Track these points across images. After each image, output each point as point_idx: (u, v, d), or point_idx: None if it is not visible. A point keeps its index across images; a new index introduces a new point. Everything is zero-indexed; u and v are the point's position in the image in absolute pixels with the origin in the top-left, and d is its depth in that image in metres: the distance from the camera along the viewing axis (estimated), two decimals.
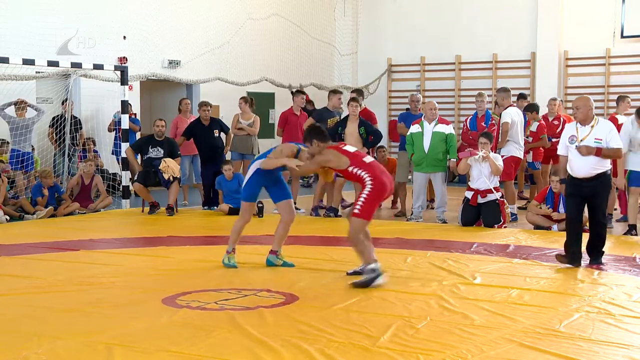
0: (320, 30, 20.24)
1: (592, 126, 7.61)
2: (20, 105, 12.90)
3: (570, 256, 7.72)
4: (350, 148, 6.95)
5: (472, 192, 10.53)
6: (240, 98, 13.51)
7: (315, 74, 19.43)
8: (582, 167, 7.58)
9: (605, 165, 7.66)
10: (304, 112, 12.98)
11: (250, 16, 17.79)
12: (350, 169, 6.73)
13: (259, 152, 13.59)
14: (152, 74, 15.68)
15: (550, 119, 13.24)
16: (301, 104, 12.87)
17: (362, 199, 6.61)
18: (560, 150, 7.91)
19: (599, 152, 7.52)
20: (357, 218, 6.60)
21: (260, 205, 11.57)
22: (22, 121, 12.82)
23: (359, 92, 12.80)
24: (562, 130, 11.53)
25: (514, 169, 11.67)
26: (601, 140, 7.55)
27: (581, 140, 7.61)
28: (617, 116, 12.47)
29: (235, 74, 17.18)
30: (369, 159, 6.89)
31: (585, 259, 7.81)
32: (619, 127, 12.19)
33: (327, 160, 6.87)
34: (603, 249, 7.85)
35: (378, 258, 6.73)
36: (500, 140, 11.42)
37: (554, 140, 12.40)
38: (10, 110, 12.82)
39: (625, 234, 9.79)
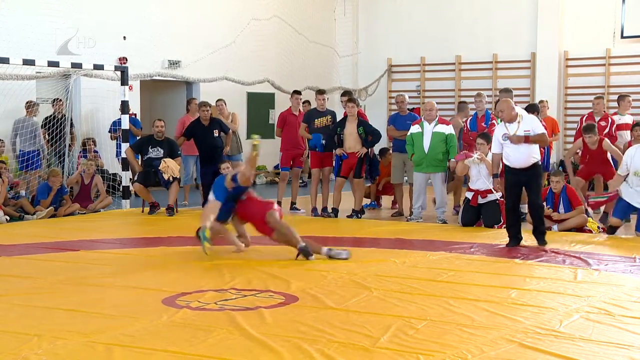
0: (321, 31, 20.24)
1: (519, 122, 8.80)
2: (29, 103, 12.92)
3: (514, 238, 8.88)
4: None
5: (473, 193, 10.54)
6: (218, 100, 13.62)
7: (315, 75, 19.43)
8: (520, 158, 8.75)
9: (537, 156, 8.83)
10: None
11: (254, 17, 17.81)
12: None
13: (242, 152, 13.67)
14: (155, 73, 15.69)
15: (597, 118, 12.02)
16: (298, 104, 12.87)
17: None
18: (494, 149, 9.07)
19: (527, 139, 8.68)
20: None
21: None
22: (27, 120, 12.82)
23: (349, 94, 12.75)
24: (609, 132, 11.66)
25: None
26: (529, 130, 8.74)
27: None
28: (614, 116, 12.41)
29: (240, 74, 17.23)
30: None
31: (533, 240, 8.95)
32: (617, 127, 12.18)
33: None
34: (544, 230, 8.97)
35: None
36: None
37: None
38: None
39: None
